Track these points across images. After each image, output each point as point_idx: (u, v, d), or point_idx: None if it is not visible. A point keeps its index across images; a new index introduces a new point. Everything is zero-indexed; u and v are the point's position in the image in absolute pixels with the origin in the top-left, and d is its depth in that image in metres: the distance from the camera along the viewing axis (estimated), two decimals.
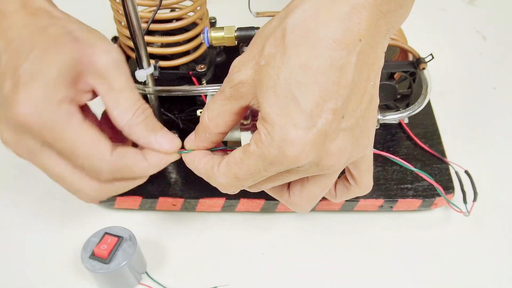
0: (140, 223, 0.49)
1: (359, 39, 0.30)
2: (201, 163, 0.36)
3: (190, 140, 0.37)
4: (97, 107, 0.39)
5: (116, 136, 0.38)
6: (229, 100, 0.34)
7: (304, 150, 0.30)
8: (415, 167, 0.49)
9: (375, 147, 0.51)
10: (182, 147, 0.38)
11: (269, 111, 0.31)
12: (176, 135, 0.38)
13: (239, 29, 0.42)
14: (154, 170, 0.37)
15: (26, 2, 0.36)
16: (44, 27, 0.35)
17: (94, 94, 0.37)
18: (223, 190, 0.36)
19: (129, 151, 0.36)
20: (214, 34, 0.42)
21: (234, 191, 0.35)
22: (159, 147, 0.37)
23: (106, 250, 0.41)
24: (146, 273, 0.45)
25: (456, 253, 0.46)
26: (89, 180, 0.36)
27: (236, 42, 0.42)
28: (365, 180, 0.38)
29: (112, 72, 0.36)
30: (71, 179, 0.36)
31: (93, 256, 0.42)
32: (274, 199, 0.47)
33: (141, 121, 0.36)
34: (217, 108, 0.35)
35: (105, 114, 0.39)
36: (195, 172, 0.37)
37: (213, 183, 0.36)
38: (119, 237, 0.43)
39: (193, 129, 0.52)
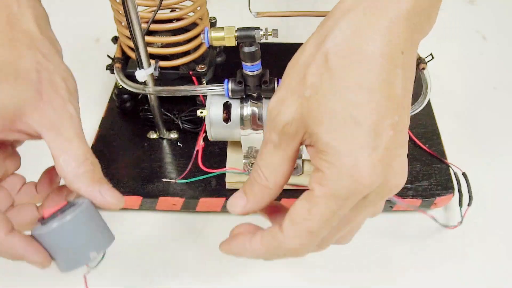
0: (140, 223, 0.49)
1: (401, 52, 0.30)
2: (256, 243, 0.32)
3: (239, 203, 0.33)
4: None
5: (53, 195, 0.38)
6: (280, 148, 0.31)
7: (376, 171, 0.28)
8: (415, 167, 0.50)
9: None
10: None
11: (328, 139, 0.29)
12: (121, 197, 0.36)
13: (239, 29, 0.42)
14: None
15: (14, 22, 0.36)
16: (17, 58, 0.35)
17: (31, 136, 0.35)
18: (297, 255, 0.32)
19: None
20: (214, 34, 0.42)
21: (308, 252, 0.32)
22: (102, 200, 0.35)
23: (48, 211, 0.35)
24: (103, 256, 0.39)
25: (456, 253, 0.46)
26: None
27: (236, 42, 0.42)
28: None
29: (65, 122, 0.35)
30: None
31: (40, 219, 0.35)
32: (274, 199, 0.47)
33: (88, 171, 0.34)
34: (271, 162, 0.32)
35: (46, 172, 0.39)
36: (250, 257, 0.33)
37: (281, 254, 0.32)
38: (69, 202, 0.36)
39: (193, 129, 0.52)
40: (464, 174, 0.49)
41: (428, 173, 0.49)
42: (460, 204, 0.48)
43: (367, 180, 0.28)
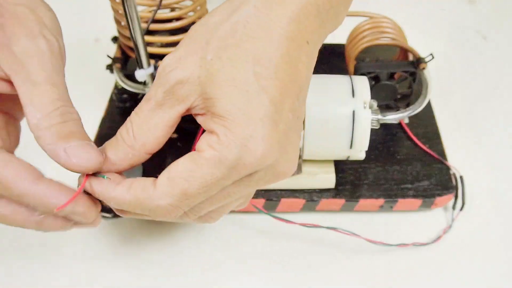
0: (140, 223, 0.49)
1: (306, 41, 0.30)
2: (122, 190, 0.29)
3: (93, 159, 0.29)
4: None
5: None
6: (161, 108, 0.29)
7: (272, 148, 0.27)
8: (415, 167, 0.50)
9: (375, 147, 0.51)
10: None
11: (228, 107, 0.27)
12: (98, 153, 0.29)
13: None
14: (40, 202, 0.29)
15: None
16: None
17: (10, 84, 0.30)
18: (162, 216, 0.29)
19: (19, 164, 0.29)
20: None
21: (175, 215, 0.29)
22: (65, 160, 0.29)
23: None
24: None
25: (455, 253, 0.46)
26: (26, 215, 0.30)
27: None
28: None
29: (30, 60, 0.29)
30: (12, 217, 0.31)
31: None
32: (274, 199, 0.47)
33: (54, 124, 0.29)
34: (146, 122, 0.29)
35: None
36: (115, 204, 0.29)
37: (146, 210, 0.29)
38: None
39: (193, 129, 0.52)
40: (461, 178, 0.49)
41: (428, 173, 0.49)
42: (454, 207, 0.48)
43: (259, 154, 0.27)
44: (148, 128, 0.29)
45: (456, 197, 0.48)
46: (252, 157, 0.27)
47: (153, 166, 0.50)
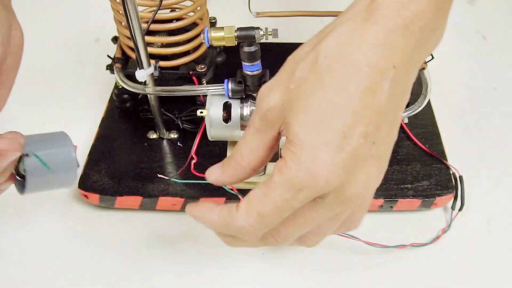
0: (140, 223, 0.49)
1: (393, 66, 0.30)
2: (214, 213, 0.34)
3: (215, 172, 0.35)
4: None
5: None
6: (260, 132, 0.33)
7: (335, 172, 0.29)
8: (415, 167, 0.50)
9: None
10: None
11: (298, 131, 0.30)
12: (16, 137, 0.33)
13: (239, 29, 0.42)
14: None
15: None
16: None
17: None
18: (245, 236, 0.32)
19: None
20: (214, 34, 0.42)
21: (256, 235, 0.32)
22: None
23: None
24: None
25: (455, 253, 0.46)
26: None
27: (236, 42, 0.42)
28: (358, 217, 0.35)
29: None
30: None
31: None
32: None
33: None
34: (250, 143, 0.33)
35: None
36: (207, 225, 0.35)
37: (231, 231, 0.33)
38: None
39: (193, 129, 0.52)
40: (460, 178, 0.49)
41: (428, 173, 0.49)
42: (453, 207, 0.48)
43: (322, 177, 0.29)
44: (251, 149, 0.33)
45: (455, 197, 0.48)
46: (315, 181, 0.29)
47: (154, 166, 0.51)
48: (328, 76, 0.30)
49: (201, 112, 0.44)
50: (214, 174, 0.35)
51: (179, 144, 0.53)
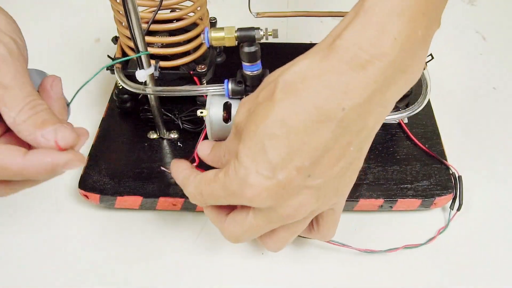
0: (140, 223, 0.49)
1: (341, 108, 0.31)
2: (182, 171, 0.40)
3: (205, 151, 0.41)
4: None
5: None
6: (234, 138, 0.36)
7: (260, 195, 0.32)
8: (415, 167, 0.50)
9: (375, 147, 0.51)
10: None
11: (241, 151, 0.33)
12: (71, 131, 0.33)
13: (240, 29, 0.42)
14: (35, 170, 0.32)
15: None
16: None
17: None
18: (190, 199, 0.38)
19: (6, 147, 0.32)
20: (214, 34, 0.42)
21: (198, 203, 0.38)
22: (45, 143, 0.32)
23: None
24: None
25: (455, 253, 0.46)
26: None
27: (237, 42, 0.42)
28: (326, 230, 0.40)
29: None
30: None
31: None
32: None
33: (28, 117, 0.32)
34: (229, 145, 0.38)
35: None
36: (174, 176, 0.41)
37: (184, 190, 0.39)
38: None
39: (194, 129, 0.52)
40: (459, 178, 0.49)
41: (428, 173, 0.49)
42: (452, 207, 0.48)
43: (249, 195, 0.33)
44: (229, 149, 0.38)
45: (454, 197, 0.48)
46: (242, 196, 0.33)
47: (154, 166, 0.51)
48: (278, 108, 0.32)
49: (201, 112, 0.44)
50: (205, 152, 0.41)
51: (179, 144, 0.53)
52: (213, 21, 0.57)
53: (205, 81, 0.51)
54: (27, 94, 0.33)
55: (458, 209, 0.48)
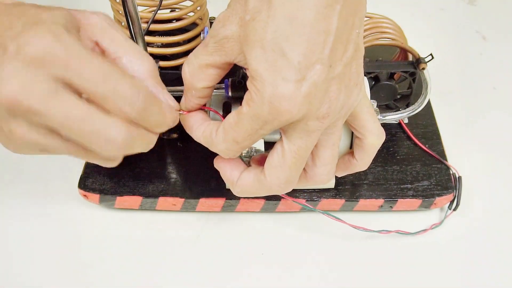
0: (140, 223, 0.49)
1: None
2: (199, 131, 0.36)
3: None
4: None
5: None
6: (212, 55, 0.34)
7: (296, 103, 0.30)
8: (415, 167, 0.50)
9: None
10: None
11: (256, 67, 0.31)
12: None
13: None
14: (174, 118, 0.35)
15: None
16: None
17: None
18: (225, 156, 0.36)
19: (159, 87, 0.34)
20: None
21: (234, 155, 0.35)
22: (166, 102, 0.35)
23: None
24: None
25: (455, 253, 0.46)
26: (116, 119, 0.30)
27: None
28: (372, 127, 0.37)
29: (109, 29, 0.34)
30: (96, 119, 0.30)
31: None
32: (274, 199, 0.47)
33: (151, 71, 0.34)
34: (200, 62, 0.34)
35: None
36: (195, 138, 0.37)
37: (214, 150, 0.36)
38: None
39: None
40: (459, 178, 0.49)
41: (428, 173, 0.49)
42: (450, 207, 0.48)
43: (284, 110, 0.30)
44: (200, 66, 0.34)
45: (454, 197, 0.48)
46: (278, 114, 0.31)
47: (154, 166, 0.51)
48: (280, 6, 0.30)
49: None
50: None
51: (179, 144, 0.53)
52: (213, 21, 0.57)
53: None
54: (141, 48, 0.34)
55: (454, 209, 0.48)
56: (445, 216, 0.48)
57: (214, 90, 0.45)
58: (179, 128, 0.52)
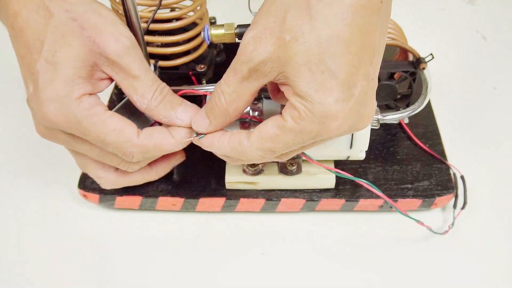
0: (140, 223, 0.49)
1: (380, 1, 0.31)
2: (224, 142, 0.37)
3: (203, 124, 0.37)
4: None
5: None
6: (248, 80, 0.33)
7: (345, 121, 0.32)
8: (415, 167, 0.49)
9: (375, 147, 0.51)
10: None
11: (306, 89, 0.31)
12: (198, 109, 0.38)
13: (240, 26, 0.42)
14: (182, 145, 0.39)
15: None
16: (49, 15, 0.34)
17: (112, 80, 0.38)
18: (254, 161, 0.36)
19: (156, 131, 0.38)
20: (214, 31, 0.42)
21: (267, 161, 0.37)
22: (182, 123, 0.38)
23: None
24: None
25: (455, 253, 0.46)
26: (109, 170, 0.42)
27: (237, 39, 0.42)
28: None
29: (124, 60, 0.36)
30: (93, 168, 0.42)
31: None
32: (274, 199, 0.47)
33: (160, 102, 0.37)
34: (236, 91, 0.34)
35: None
36: (218, 152, 0.37)
37: (243, 157, 0.36)
38: None
39: None
40: (462, 177, 0.49)
41: (428, 173, 0.49)
42: (455, 206, 0.48)
43: (334, 127, 0.32)
44: (237, 96, 0.34)
45: (456, 196, 0.48)
46: (328, 132, 0.32)
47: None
48: (324, 25, 0.30)
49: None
50: (203, 126, 0.37)
51: None
52: (213, 20, 0.57)
53: (204, 81, 0.51)
54: (152, 80, 0.37)
55: (463, 208, 0.47)
56: (454, 216, 0.47)
57: (213, 88, 0.45)
58: None
